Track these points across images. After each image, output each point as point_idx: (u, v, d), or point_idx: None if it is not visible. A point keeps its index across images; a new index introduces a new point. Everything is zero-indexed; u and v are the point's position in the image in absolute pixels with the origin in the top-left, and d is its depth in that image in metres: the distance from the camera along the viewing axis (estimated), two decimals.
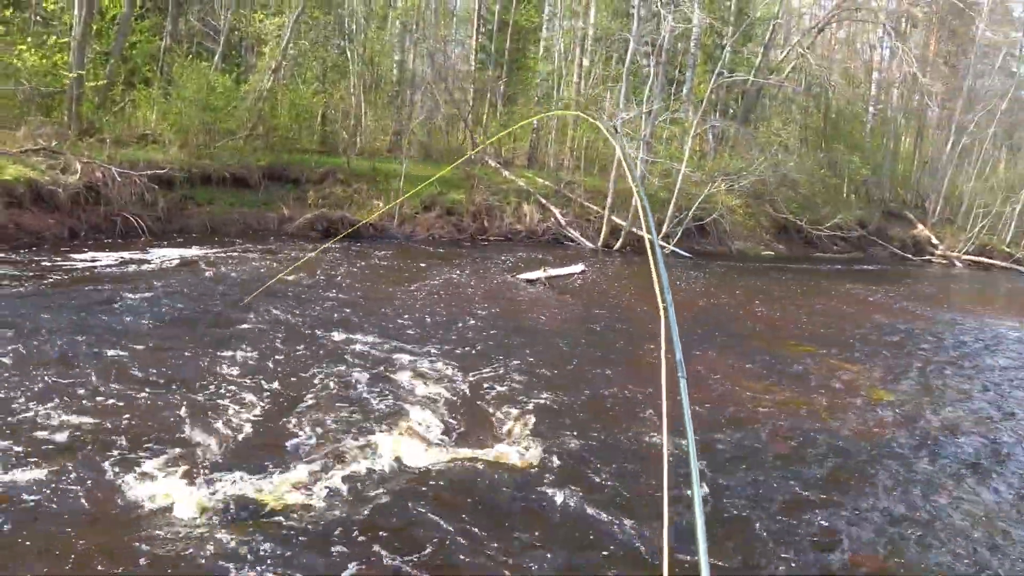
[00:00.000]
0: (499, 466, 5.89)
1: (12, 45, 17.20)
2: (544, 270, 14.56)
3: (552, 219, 22.67)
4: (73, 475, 5.22)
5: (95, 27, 19.92)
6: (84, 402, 6.43)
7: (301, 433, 6.22)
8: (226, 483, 5.24)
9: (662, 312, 3.17)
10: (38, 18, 20.39)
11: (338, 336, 9.41)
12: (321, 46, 25.08)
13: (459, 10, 37.89)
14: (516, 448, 6.24)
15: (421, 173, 22.99)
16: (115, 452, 5.57)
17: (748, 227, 25.83)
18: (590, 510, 5.28)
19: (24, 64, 17.12)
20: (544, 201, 22.99)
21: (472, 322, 10.68)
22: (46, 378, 6.95)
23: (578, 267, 15.31)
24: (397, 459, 5.87)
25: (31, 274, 11.51)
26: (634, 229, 21.24)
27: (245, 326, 9.47)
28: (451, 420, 6.79)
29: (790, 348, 10.86)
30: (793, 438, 7.10)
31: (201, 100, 19.43)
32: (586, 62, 28.83)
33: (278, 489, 5.22)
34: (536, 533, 4.97)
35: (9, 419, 6.05)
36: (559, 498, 5.42)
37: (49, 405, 6.30)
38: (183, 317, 9.73)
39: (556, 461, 6.03)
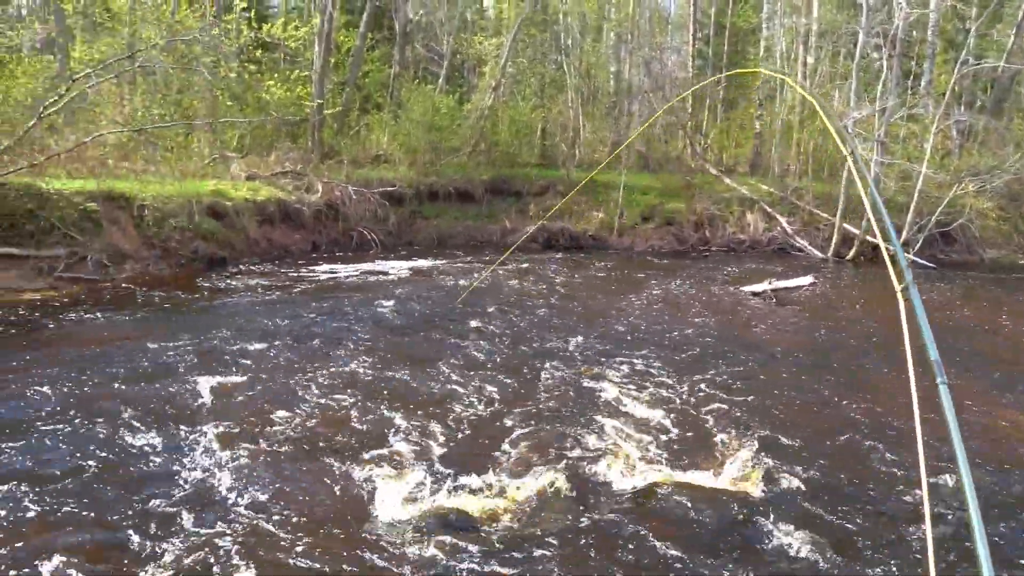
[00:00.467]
0: (716, 492, 5.10)
1: (262, 82, 18.79)
2: (770, 282, 13.37)
3: (778, 228, 21.08)
4: (297, 475, 5.17)
5: (332, 61, 21.40)
6: (313, 405, 6.45)
7: (514, 443, 5.79)
8: (440, 490, 4.95)
9: (901, 300, 2.37)
10: (284, 56, 22.21)
11: (553, 345, 9.01)
12: (538, 62, 25.33)
13: (673, 17, 37.03)
14: (736, 474, 5.39)
15: (640, 183, 22.48)
16: (337, 455, 5.48)
17: (1002, 233, 22.39)
18: (819, 552, 4.36)
19: (272, 97, 18.65)
20: (769, 209, 21.47)
21: (692, 335, 9.85)
22: (282, 380, 7.11)
23: (807, 279, 13.91)
24: (609, 476, 5.26)
25: (280, 283, 12.28)
26: (868, 237, 19.20)
27: (466, 332, 9.32)
28: (666, 438, 6.05)
29: None
30: None
31: (427, 121, 20.21)
32: (810, 59, 26.80)
33: (489, 499, 4.84)
34: (751, 572, 4.19)
35: (247, 416, 6.19)
36: (782, 535, 4.49)
37: (282, 406, 6.38)
38: (409, 324, 9.81)
39: (780, 491, 5.10)
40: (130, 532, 4.26)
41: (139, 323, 9.16)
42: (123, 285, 11.28)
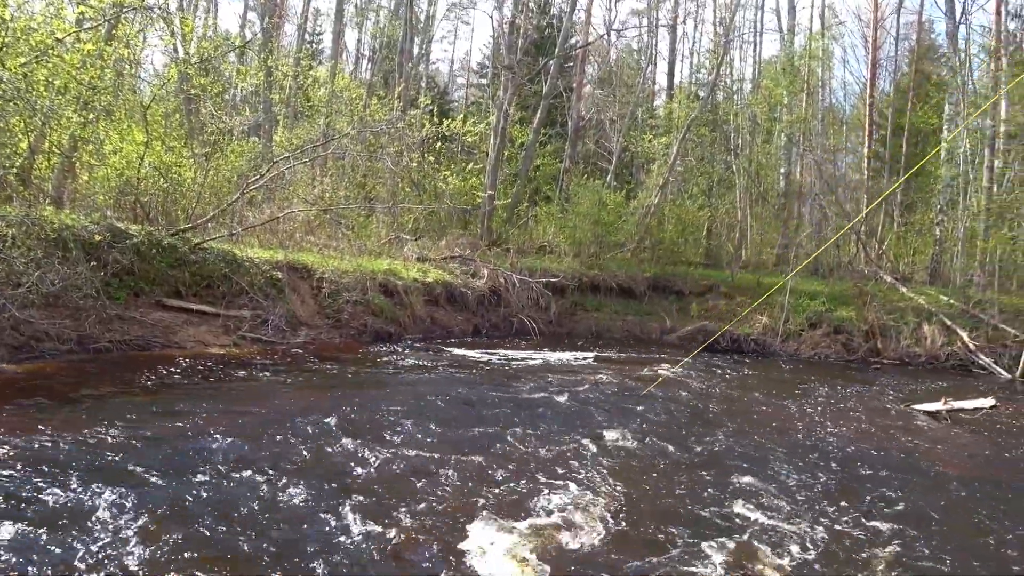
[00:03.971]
0: None
1: (439, 171, 19.79)
2: (945, 401, 12.03)
3: (958, 343, 19.25)
4: (415, 533, 5.06)
5: (506, 154, 22.26)
6: (457, 486, 6.31)
7: (648, 554, 5.32)
8: None
9: None
10: (462, 148, 23.35)
11: (695, 449, 8.46)
12: (707, 162, 25.25)
13: (848, 118, 36.02)
14: None
15: (808, 288, 21.51)
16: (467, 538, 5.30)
17: None
18: None
19: (448, 186, 19.58)
20: (949, 322, 19.75)
21: (853, 452, 8.86)
22: (434, 456, 7.04)
23: (988, 401, 12.40)
24: None
25: (441, 362, 12.44)
26: None
27: (604, 430, 8.91)
28: (817, 568, 5.33)
29: None
30: None
31: (593, 215, 20.43)
32: (997, 163, 25.08)
33: None
34: None
35: (394, 486, 6.16)
36: None
37: (429, 481, 6.29)
38: (555, 415, 9.55)
39: None
40: None
41: (307, 386, 9.47)
42: (297, 350, 11.81)
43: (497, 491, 6.15)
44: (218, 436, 6.68)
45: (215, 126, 15.68)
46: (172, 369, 9.45)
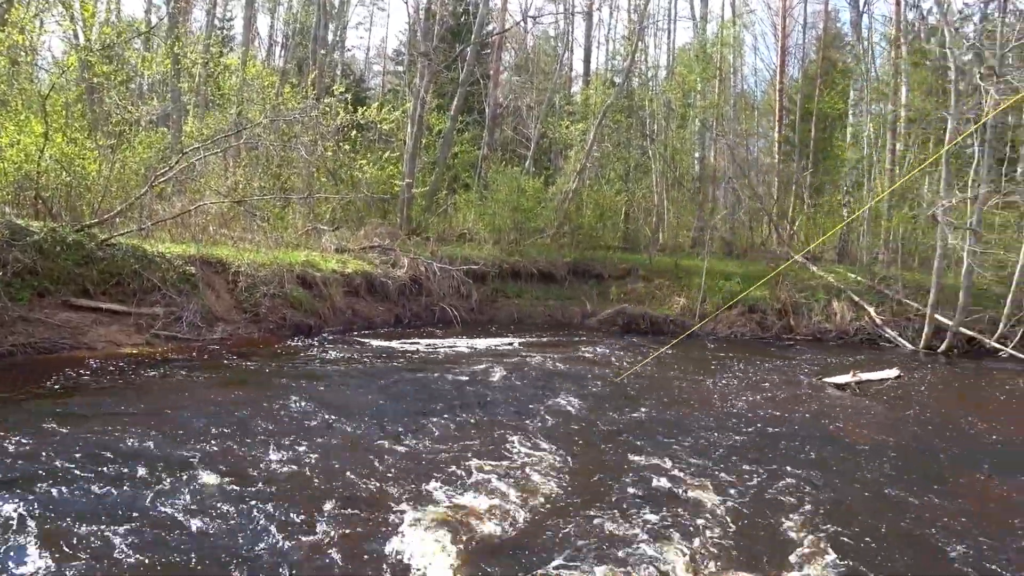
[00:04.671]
0: None
1: (355, 160, 19.57)
2: (854, 374, 12.76)
3: (866, 318, 20.31)
4: (348, 526, 5.19)
5: (423, 142, 22.17)
6: (381, 476, 6.39)
7: (577, 533, 5.47)
8: (503, 571, 4.77)
9: None
10: (379, 137, 23.14)
11: (619, 425, 8.77)
12: (624, 147, 25.68)
13: (759, 103, 37.11)
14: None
15: (723, 269, 22.20)
16: (394, 514, 5.45)
17: None
18: None
19: (365, 175, 19.39)
20: (856, 298, 20.77)
21: (769, 425, 9.36)
22: (352, 448, 7.14)
23: (893, 372, 13.21)
24: (669, 573, 4.95)
25: (362, 354, 12.43)
26: (962, 329, 18.28)
27: (529, 413, 9.10)
28: (730, 534, 5.63)
29: None
30: None
31: (512, 201, 20.57)
32: (899, 146, 26.36)
33: None
34: None
35: (311, 481, 6.20)
36: None
37: (352, 472, 6.38)
38: (479, 401, 9.67)
39: None
40: None
41: (224, 383, 9.37)
42: (213, 347, 11.61)
43: (419, 478, 6.27)
44: (130, 439, 6.58)
45: (120, 116, 15.10)
46: (81, 371, 9.19)
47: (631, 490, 6.44)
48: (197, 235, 14.27)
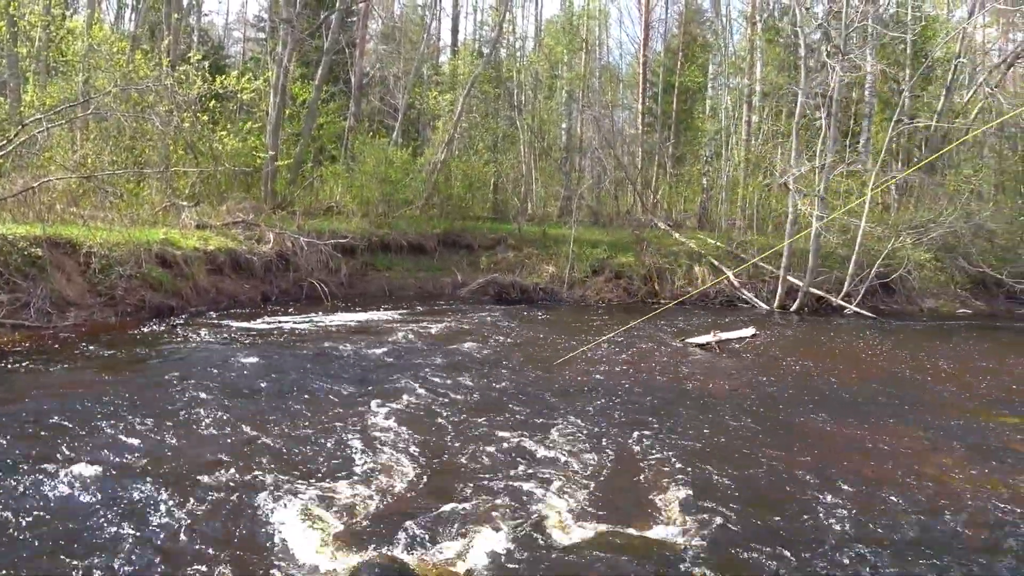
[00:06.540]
0: (650, 542, 5.22)
1: (215, 132, 18.88)
2: (714, 334, 13.73)
3: (725, 281, 21.73)
4: (218, 509, 5.30)
5: (287, 112, 21.60)
6: (252, 456, 6.51)
7: (450, 500, 5.77)
8: (375, 543, 4.98)
9: None
10: (240, 107, 22.35)
11: (486, 393, 9.20)
12: (492, 118, 25.91)
13: (625, 75, 38.21)
14: (669, 527, 5.54)
15: (590, 237, 22.98)
16: (264, 494, 5.60)
17: (939, 283, 23.31)
18: None
19: (225, 148, 18.74)
20: (716, 262, 22.11)
21: (635, 386, 10.05)
22: (217, 431, 7.18)
23: (749, 331, 14.29)
24: (544, 531, 5.35)
25: (228, 334, 12.23)
26: (812, 289, 19.89)
27: (400, 385, 9.35)
28: (602, 491, 6.13)
29: (992, 419, 9.28)
30: (993, 525, 5.88)
31: (380, 173, 20.47)
32: (754, 119, 27.94)
33: (424, 556, 4.90)
34: None
35: (184, 467, 6.23)
36: None
37: (204, 452, 6.49)
38: (350, 377, 9.82)
39: (712, 539, 5.28)
40: None
41: (80, 373, 9.04)
42: (66, 334, 11.11)
43: (286, 458, 6.38)
44: None
45: None
46: None
47: (499, 456, 6.86)
48: (43, 214, 13.45)
